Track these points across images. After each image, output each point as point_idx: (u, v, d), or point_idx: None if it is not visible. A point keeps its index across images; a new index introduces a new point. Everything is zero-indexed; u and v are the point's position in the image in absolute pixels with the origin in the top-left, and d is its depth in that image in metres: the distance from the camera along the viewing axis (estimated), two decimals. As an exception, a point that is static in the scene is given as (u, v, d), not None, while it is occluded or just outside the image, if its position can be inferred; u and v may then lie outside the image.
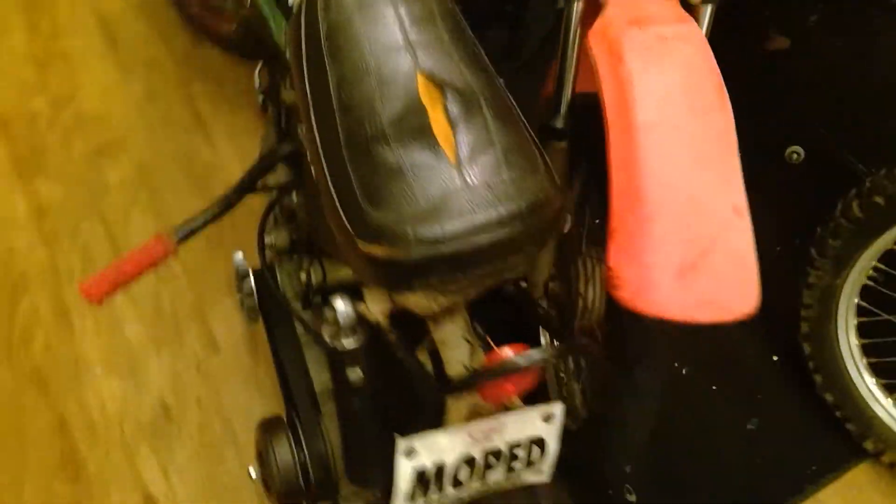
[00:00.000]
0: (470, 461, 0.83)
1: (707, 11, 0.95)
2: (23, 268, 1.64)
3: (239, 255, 1.29)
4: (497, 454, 0.84)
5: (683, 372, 1.47)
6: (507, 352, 0.79)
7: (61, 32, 1.93)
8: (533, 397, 0.89)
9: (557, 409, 0.85)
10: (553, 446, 0.87)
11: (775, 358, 1.49)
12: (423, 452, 0.79)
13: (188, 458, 1.47)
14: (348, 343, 0.83)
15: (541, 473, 0.90)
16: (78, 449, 1.48)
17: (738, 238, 0.77)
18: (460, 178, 0.73)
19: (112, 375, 1.54)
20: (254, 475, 1.11)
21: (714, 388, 1.46)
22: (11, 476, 1.45)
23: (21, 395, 1.52)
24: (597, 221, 1.01)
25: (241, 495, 1.42)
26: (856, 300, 1.30)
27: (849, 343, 1.33)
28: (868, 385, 1.34)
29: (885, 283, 1.29)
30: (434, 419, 0.82)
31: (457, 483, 0.84)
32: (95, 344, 1.57)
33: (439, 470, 0.81)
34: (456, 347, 0.84)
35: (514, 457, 0.85)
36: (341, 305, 0.82)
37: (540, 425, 0.85)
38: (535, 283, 1.18)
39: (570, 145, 1.07)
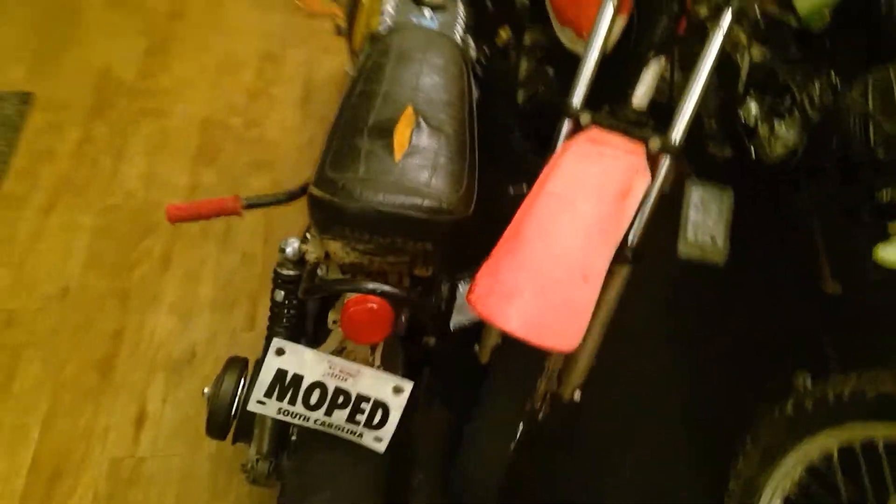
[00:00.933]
0: (323, 389, 1.03)
1: (665, 162, 1.17)
2: (159, 219, 2.09)
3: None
4: (347, 396, 1.03)
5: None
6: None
7: (277, 80, 2.50)
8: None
9: (408, 386, 1.04)
10: (394, 419, 1.05)
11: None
12: (289, 358, 1.02)
13: (186, 397, 1.75)
14: (287, 271, 1.11)
15: (379, 442, 1.07)
16: (118, 355, 1.82)
17: (575, 294, 0.96)
18: (394, 170, 1.01)
19: (172, 315, 1.90)
20: (205, 392, 1.36)
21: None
22: (65, 353, 1.82)
23: (105, 302, 1.92)
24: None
25: (204, 443, 1.67)
26: None
27: (762, 549, 1.33)
28: None
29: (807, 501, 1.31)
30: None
31: (307, 404, 1.04)
32: (174, 288, 1.95)
33: (296, 379, 1.02)
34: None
35: (359, 408, 1.04)
36: (292, 243, 1.10)
37: (389, 393, 1.04)
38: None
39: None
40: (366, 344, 1.05)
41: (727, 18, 1.12)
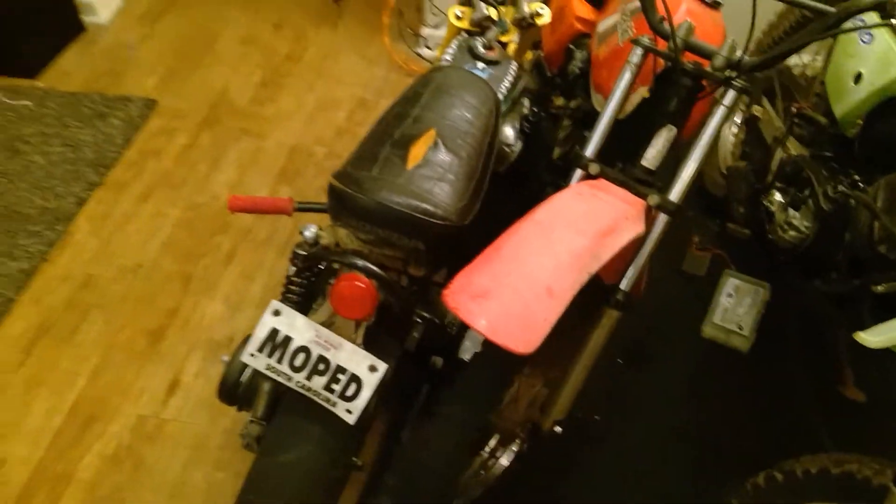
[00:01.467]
0: (308, 354, 1.16)
1: (661, 219, 1.27)
2: (233, 221, 2.32)
3: None
4: (327, 364, 1.16)
5: None
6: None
7: (364, 122, 2.75)
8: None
9: (382, 367, 1.16)
10: (365, 395, 1.16)
11: None
12: (283, 319, 1.16)
13: (216, 375, 1.88)
14: (302, 251, 1.27)
15: (349, 414, 1.18)
16: (168, 328, 2.02)
17: (538, 305, 1.05)
18: (403, 175, 1.16)
19: (223, 304, 2.09)
20: (224, 359, 1.51)
21: None
22: (125, 319, 2.04)
23: (171, 282, 2.14)
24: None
25: (222, 418, 1.82)
26: (730, 571, 1.34)
27: None
28: None
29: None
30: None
31: (291, 365, 1.17)
32: (231, 281, 2.15)
33: (286, 340, 1.16)
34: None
35: (336, 378, 1.16)
36: (311, 228, 1.26)
37: (365, 369, 1.16)
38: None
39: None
40: (349, 318, 1.17)
41: (729, 96, 1.23)
